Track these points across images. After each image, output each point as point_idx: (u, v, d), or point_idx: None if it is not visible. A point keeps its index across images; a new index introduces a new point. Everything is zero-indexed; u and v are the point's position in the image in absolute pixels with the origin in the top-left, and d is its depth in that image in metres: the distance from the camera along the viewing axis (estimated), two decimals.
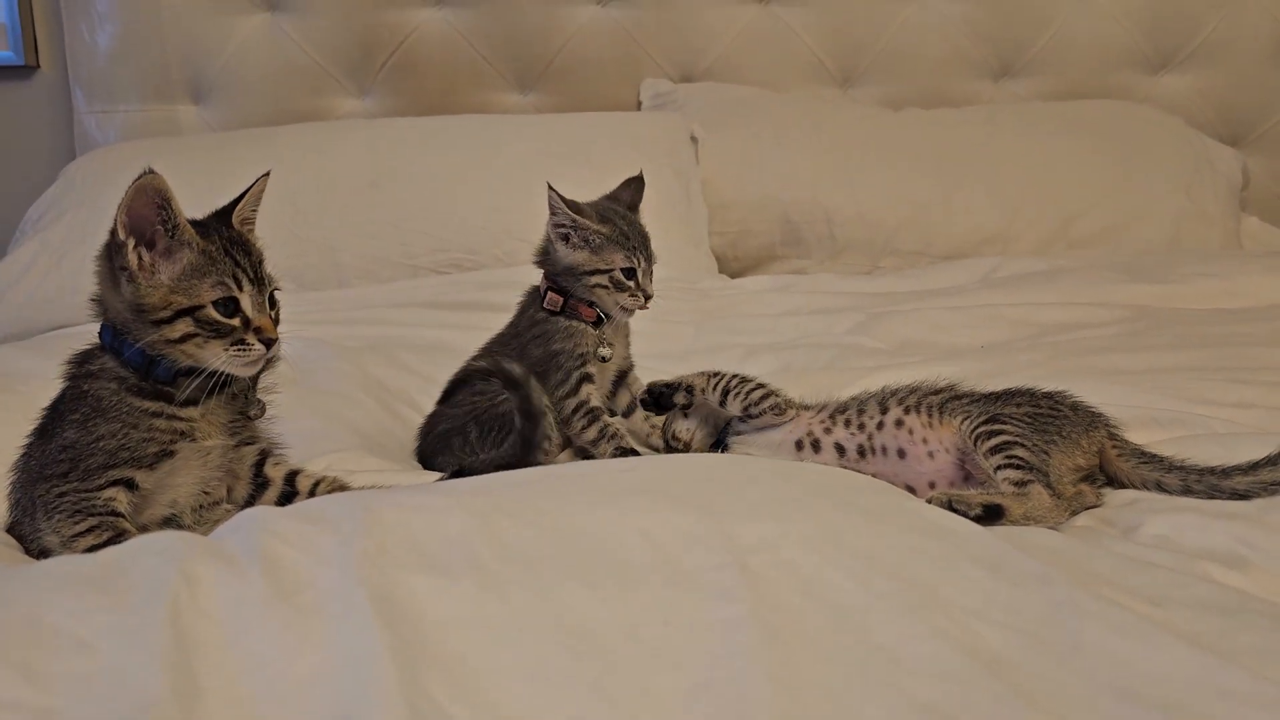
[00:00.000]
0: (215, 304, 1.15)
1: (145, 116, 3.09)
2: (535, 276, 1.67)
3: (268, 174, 1.28)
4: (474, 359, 1.62)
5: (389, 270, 2.57)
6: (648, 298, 1.57)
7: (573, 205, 1.57)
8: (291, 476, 1.25)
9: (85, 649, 0.69)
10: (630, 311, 1.58)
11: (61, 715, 0.64)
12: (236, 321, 1.16)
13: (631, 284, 1.56)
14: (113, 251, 1.16)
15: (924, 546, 0.91)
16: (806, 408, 1.44)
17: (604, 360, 1.60)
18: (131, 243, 1.14)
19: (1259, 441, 1.29)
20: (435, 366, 1.76)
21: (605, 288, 1.55)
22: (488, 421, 1.53)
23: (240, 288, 1.17)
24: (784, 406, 1.42)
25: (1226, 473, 1.23)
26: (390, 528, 0.82)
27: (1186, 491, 1.23)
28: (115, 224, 1.14)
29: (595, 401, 1.55)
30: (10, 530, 1.22)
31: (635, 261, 1.56)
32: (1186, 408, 1.47)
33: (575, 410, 1.54)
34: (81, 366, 1.21)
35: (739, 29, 3.24)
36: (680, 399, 1.48)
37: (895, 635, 0.77)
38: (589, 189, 1.66)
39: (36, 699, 0.65)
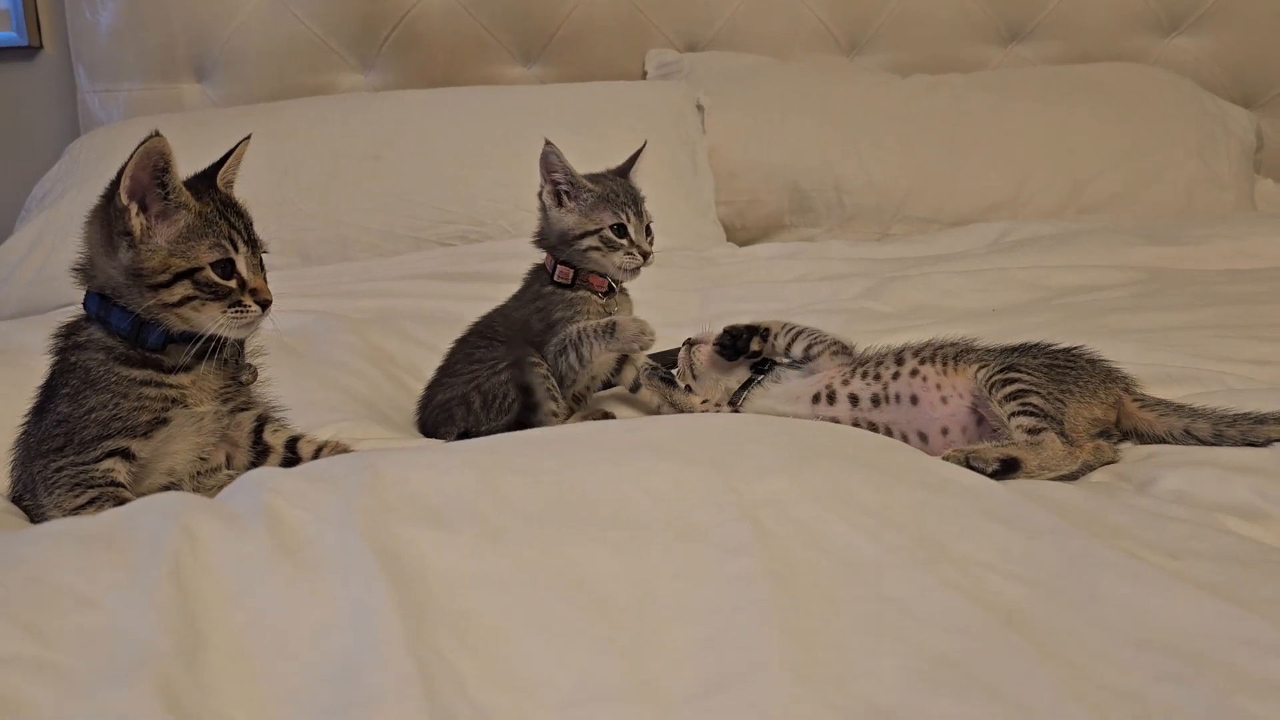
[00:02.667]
0: (212, 265, 1.14)
1: (149, 95, 3.08)
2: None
3: (249, 137, 1.27)
4: (471, 333, 1.62)
5: (394, 243, 2.55)
6: (644, 254, 1.55)
7: (569, 164, 1.56)
8: (293, 443, 1.24)
9: (88, 605, 0.68)
10: (631, 271, 1.56)
11: (65, 669, 0.63)
12: (233, 283, 1.16)
13: (624, 241, 1.53)
14: (110, 216, 1.14)
15: (936, 502, 0.90)
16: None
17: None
18: (134, 208, 1.13)
19: (1274, 396, 1.27)
20: (441, 337, 1.74)
21: (598, 249, 1.53)
22: (490, 390, 1.52)
23: (236, 249, 1.16)
24: (843, 349, 1.45)
25: (1262, 419, 1.21)
26: (392, 484, 0.81)
27: (1219, 437, 1.22)
28: (116, 189, 1.13)
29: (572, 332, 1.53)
30: (15, 504, 1.21)
31: (624, 217, 1.53)
32: (1201, 364, 1.45)
33: (556, 357, 1.52)
34: (69, 338, 1.20)
35: None
36: (755, 344, 1.49)
37: (907, 588, 0.75)
38: (595, 159, 1.64)
39: (40, 654, 0.64)
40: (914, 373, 1.37)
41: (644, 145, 1.69)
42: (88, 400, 1.14)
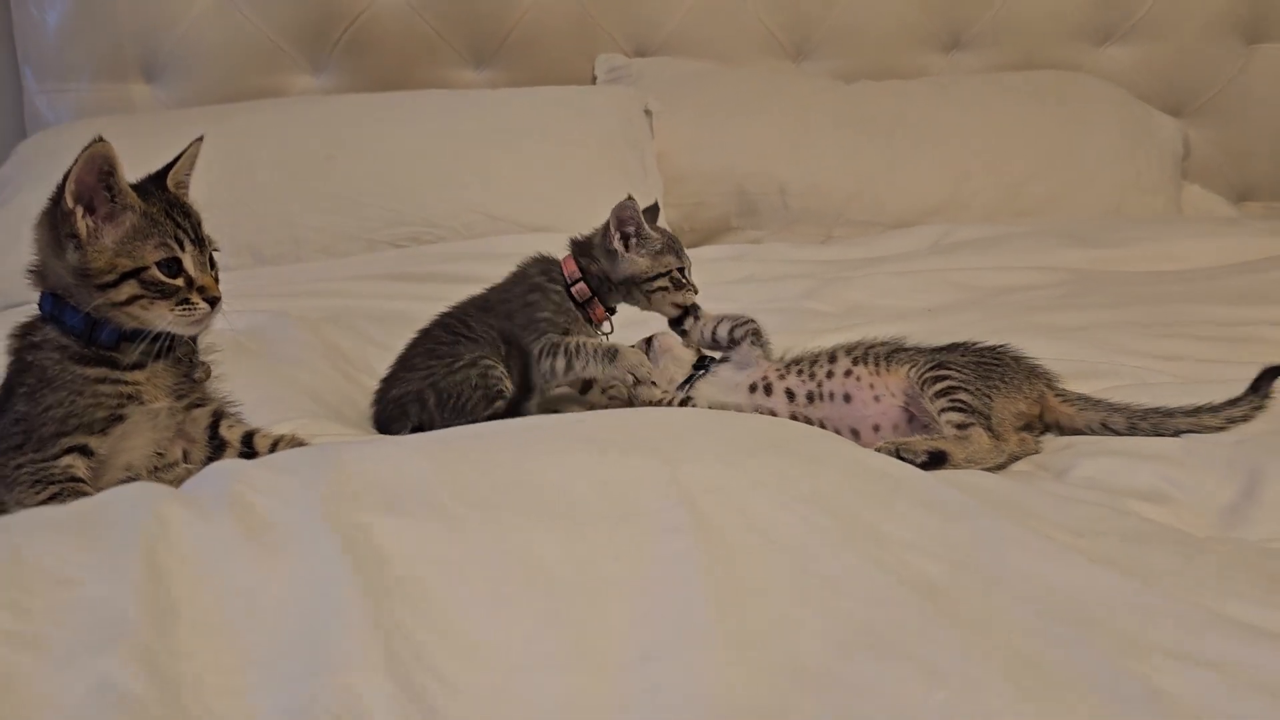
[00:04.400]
0: (159, 265, 1.17)
1: (98, 95, 3.06)
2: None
3: (201, 138, 1.30)
4: (435, 324, 1.66)
5: (347, 244, 2.58)
6: (695, 291, 1.68)
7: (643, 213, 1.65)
8: (249, 437, 1.27)
9: (66, 583, 0.72)
10: (682, 309, 1.66)
11: (47, 641, 0.67)
12: (180, 282, 1.18)
13: (686, 281, 1.66)
14: (57, 219, 1.17)
15: (864, 488, 0.96)
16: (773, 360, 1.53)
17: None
18: (80, 211, 1.15)
19: (1187, 390, 1.36)
20: (395, 336, 1.78)
21: (666, 289, 1.64)
22: (446, 389, 1.56)
23: (182, 248, 1.19)
24: (761, 337, 1.55)
25: (1170, 413, 1.30)
26: (353, 474, 0.86)
27: (1132, 429, 1.30)
28: (62, 192, 1.15)
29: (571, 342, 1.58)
30: None
31: (685, 260, 1.67)
32: (1120, 360, 1.53)
33: (540, 353, 1.57)
34: (24, 339, 1.22)
35: (692, 3, 3.27)
36: (687, 323, 1.64)
37: (833, 566, 0.82)
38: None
39: (23, 628, 0.68)
40: (848, 373, 1.44)
41: (656, 204, 1.80)
42: (45, 399, 1.16)
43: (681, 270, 1.66)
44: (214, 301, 1.21)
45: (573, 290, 1.64)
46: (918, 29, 3.38)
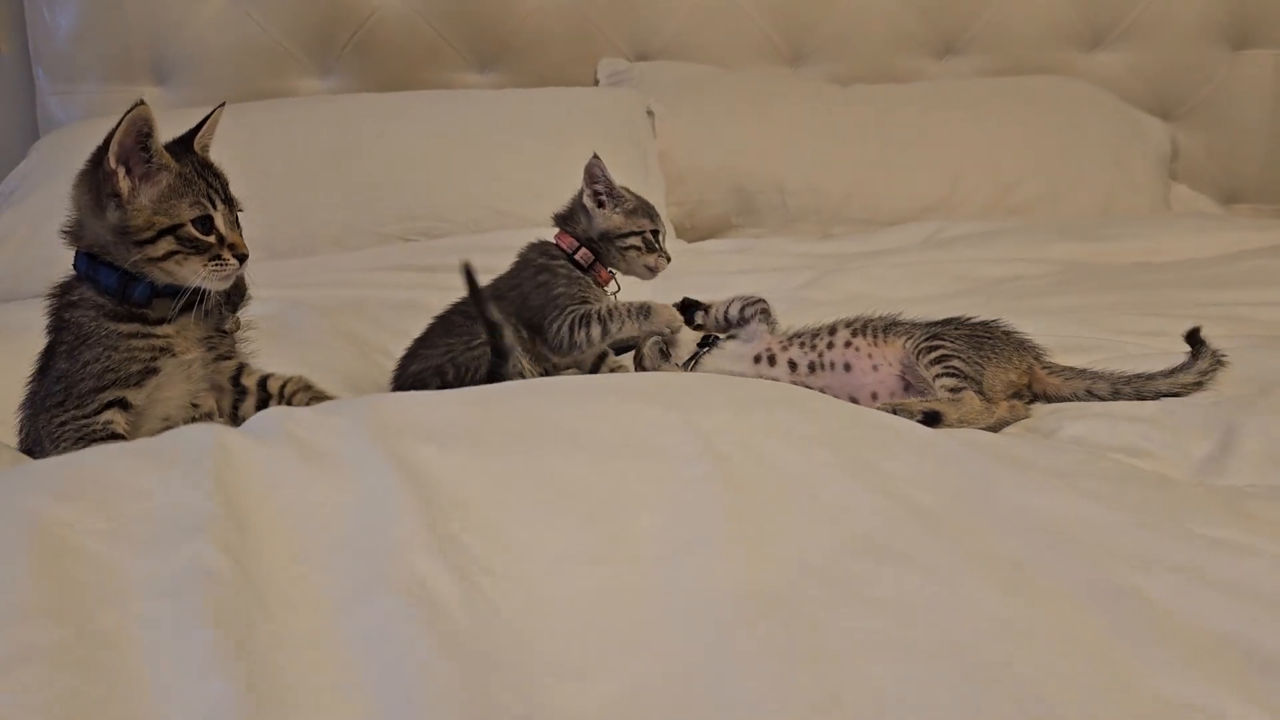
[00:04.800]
0: (193, 222, 1.23)
1: (108, 97, 3.13)
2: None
3: (223, 105, 1.36)
4: (451, 309, 1.71)
5: (359, 238, 2.65)
6: (668, 259, 1.72)
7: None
8: (264, 381, 1.34)
9: (145, 494, 0.79)
10: (654, 272, 1.72)
11: (136, 536, 0.74)
12: (212, 239, 1.25)
13: (659, 245, 1.71)
14: (99, 180, 1.23)
15: (863, 435, 1.03)
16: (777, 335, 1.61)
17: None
18: (121, 171, 1.22)
19: (1167, 361, 1.43)
20: (410, 322, 1.83)
21: (638, 249, 1.69)
22: (465, 364, 1.61)
23: (214, 206, 1.26)
24: (770, 316, 1.61)
25: (1151, 377, 1.38)
26: (393, 414, 0.94)
27: (1115, 394, 1.38)
28: (104, 154, 1.22)
29: (601, 308, 1.64)
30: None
31: (659, 225, 1.72)
32: (1105, 336, 1.61)
33: (572, 325, 1.61)
34: (62, 298, 1.28)
35: (691, 8, 3.34)
36: (699, 318, 1.68)
37: (836, 492, 0.89)
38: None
39: (114, 526, 0.75)
40: (847, 344, 1.52)
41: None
42: (82, 355, 1.23)
43: (655, 234, 1.70)
44: (243, 258, 1.28)
45: (576, 256, 1.69)
46: (912, 35, 3.46)
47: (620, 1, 3.31)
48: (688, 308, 1.69)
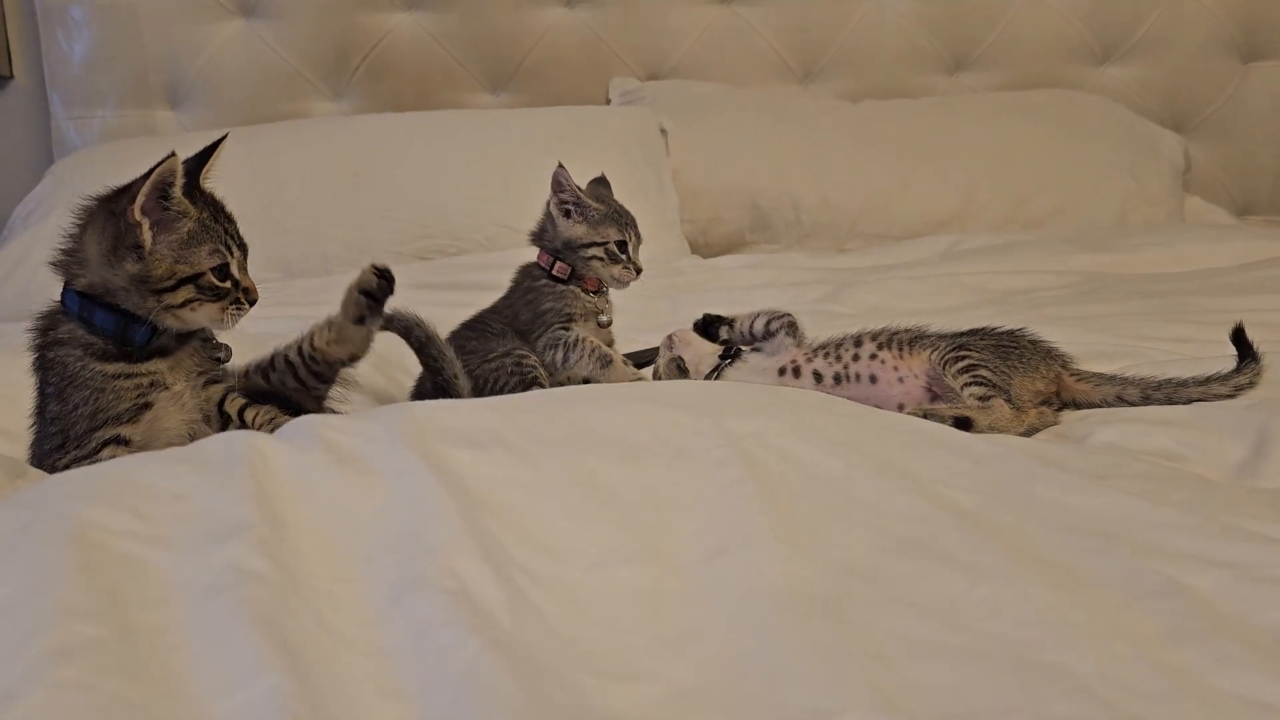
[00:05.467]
0: (212, 270, 1.21)
1: (123, 122, 3.16)
2: (520, 260, 1.77)
3: (226, 135, 1.32)
4: (461, 328, 1.72)
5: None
6: (638, 270, 1.69)
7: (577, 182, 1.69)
8: (242, 410, 1.30)
9: (180, 498, 0.78)
10: (623, 283, 1.70)
11: (173, 539, 0.73)
12: (228, 285, 1.23)
13: (624, 257, 1.68)
14: (118, 229, 1.19)
15: (894, 438, 1.02)
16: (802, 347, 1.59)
17: (604, 325, 1.70)
18: (147, 223, 1.19)
19: (1197, 367, 1.42)
20: None
21: (601, 260, 1.67)
22: (482, 376, 1.62)
23: (231, 253, 1.24)
24: (796, 329, 1.59)
25: (1183, 383, 1.36)
26: (426, 420, 0.93)
27: (1146, 400, 1.36)
28: (126, 204, 1.18)
29: (571, 336, 1.63)
30: None
31: (626, 235, 1.68)
32: (1129, 343, 1.59)
33: (544, 346, 1.63)
34: (46, 335, 1.24)
35: (702, 28, 3.36)
36: (723, 333, 1.66)
37: (872, 493, 0.88)
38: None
39: (150, 530, 0.74)
40: (873, 355, 1.51)
41: (603, 176, 1.82)
42: (71, 396, 1.20)
43: (621, 244, 1.67)
44: (254, 302, 1.27)
45: (554, 271, 1.69)
46: (923, 52, 3.47)
47: (632, 22, 3.32)
48: (710, 323, 1.67)
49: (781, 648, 0.66)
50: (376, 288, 1.42)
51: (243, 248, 1.27)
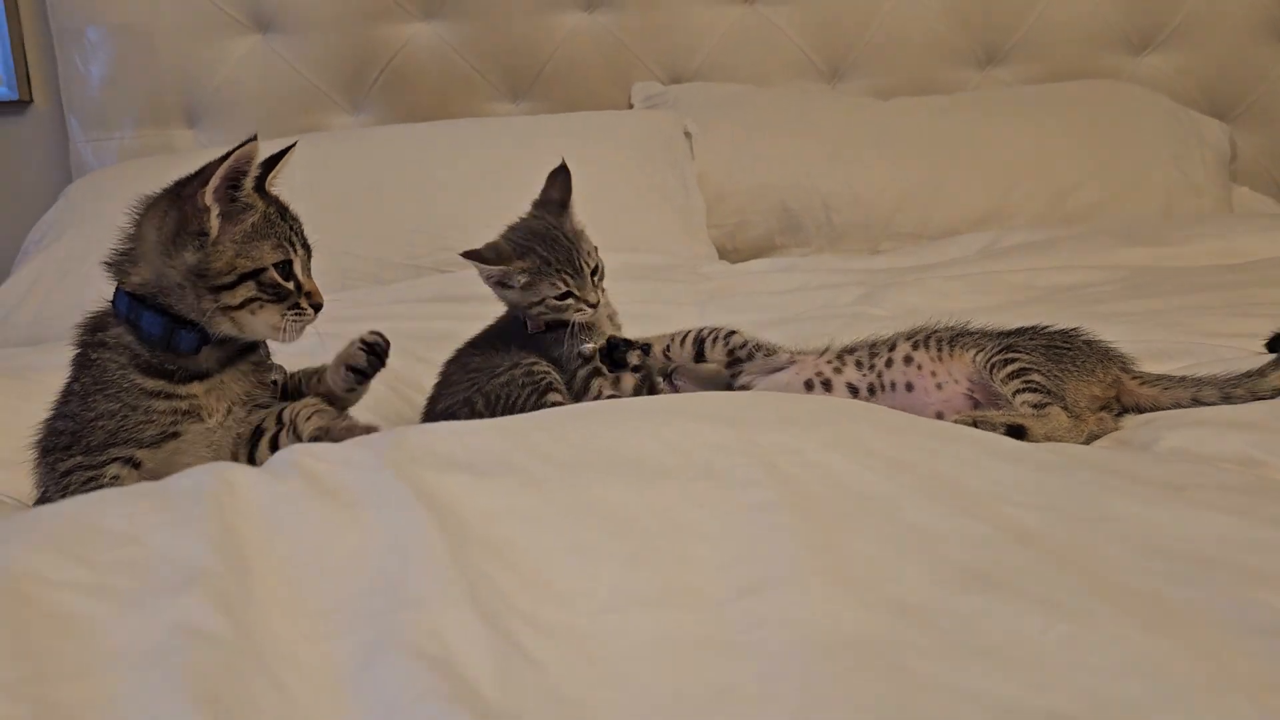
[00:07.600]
0: (275, 266, 1.14)
1: (140, 142, 3.12)
2: None
3: (295, 144, 1.27)
4: (466, 346, 1.64)
5: (393, 271, 2.59)
6: (592, 305, 1.54)
7: (493, 254, 1.57)
8: (279, 413, 1.22)
9: (135, 541, 0.70)
10: (585, 315, 1.55)
11: (117, 590, 0.65)
12: (291, 285, 1.16)
13: (570, 301, 1.54)
14: (183, 214, 1.12)
15: (944, 450, 0.92)
16: (801, 353, 1.45)
17: (584, 357, 1.60)
18: (215, 209, 1.12)
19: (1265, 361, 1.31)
20: (442, 354, 1.76)
21: (545, 312, 1.55)
22: (493, 391, 1.53)
23: (295, 251, 1.17)
24: (772, 347, 1.43)
25: (1263, 371, 1.24)
26: (421, 444, 0.84)
27: (1227, 399, 1.24)
28: (198, 188, 1.11)
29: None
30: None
31: (562, 283, 1.53)
32: (1191, 339, 1.48)
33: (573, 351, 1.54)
34: (94, 334, 1.18)
35: (725, 29, 3.28)
36: (634, 359, 1.48)
37: (924, 516, 0.78)
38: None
39: (93, 579, 0.66)
40: (908, 359, 1.38)
41: (564, 165, 1.70)
42: (97, 405, 1.13)
43: (562, 295, 1.52)
44: (318, 308, 1.19)
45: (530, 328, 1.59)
46: (953, 46, 3.37)
47: (653, 25, 3.24)
48: (615, 347, 1.49)
49: (828, 710, 0.56)
50: (366, 364, 1.32)
51: (307, 249, 1.20)
